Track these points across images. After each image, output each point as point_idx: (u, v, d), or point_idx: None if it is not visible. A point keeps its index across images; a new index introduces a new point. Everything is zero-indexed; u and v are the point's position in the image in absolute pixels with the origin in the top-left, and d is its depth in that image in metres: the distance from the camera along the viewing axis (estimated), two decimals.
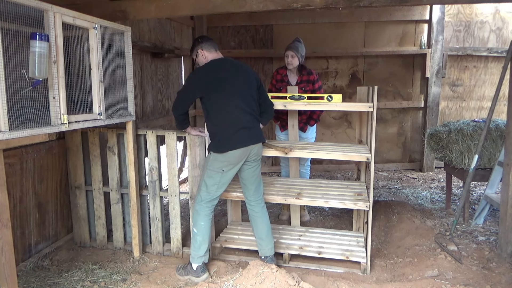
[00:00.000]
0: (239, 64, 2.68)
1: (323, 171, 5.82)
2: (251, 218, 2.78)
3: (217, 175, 2.59)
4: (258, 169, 2.72)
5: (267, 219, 2.78)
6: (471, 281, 2.53)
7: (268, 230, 2.76)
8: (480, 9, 5.48)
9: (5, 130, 1.73)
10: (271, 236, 2.77)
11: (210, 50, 2.66)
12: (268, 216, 2.80)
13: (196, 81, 2.59)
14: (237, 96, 2.55)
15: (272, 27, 5.66)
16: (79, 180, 3.12)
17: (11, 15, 1.76)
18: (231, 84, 2.55)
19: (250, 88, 2.63)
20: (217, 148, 2.55)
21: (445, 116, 5.76)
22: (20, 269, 2.64)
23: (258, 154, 2.68)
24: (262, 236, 2.74)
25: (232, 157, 2.53)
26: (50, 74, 1.99)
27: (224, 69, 2.60)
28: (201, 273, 2.64)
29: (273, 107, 2.82)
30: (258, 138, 2.66)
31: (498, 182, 3.31)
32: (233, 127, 2.53)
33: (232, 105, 2.54)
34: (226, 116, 2.54)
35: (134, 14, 2.96)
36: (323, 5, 2.68)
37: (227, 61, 2.66)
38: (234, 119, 2.54)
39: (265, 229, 2.74)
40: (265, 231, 2.74)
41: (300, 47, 3.51)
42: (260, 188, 2.79)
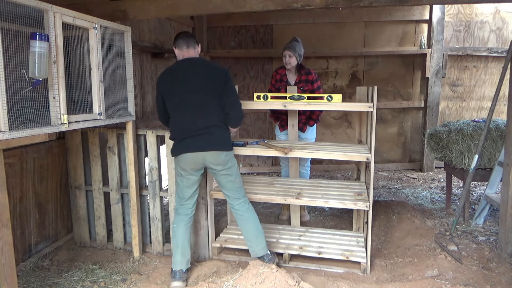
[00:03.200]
0: (197, 66, 2.55)
1: (323, 171, 5.82)
2: (237, 221, 2.74)
3: (178, 177, 2.64)
4: (231, 177, 2.62)
5: (254, 220, 2.71)
6: (471, 281, 2.53)
7: (256, 231, 2.69)
8: (480, 9, 5.48)
9: (5, 130, 1.73)
10: (261, 236, 2.70)
11: (181, 48, 2.59)
12: (255, 217, 2.72)
13: (158, 85, 2.62)
14: (185, 103, 2.49)
15: (272, 27, 5.66)
16: (79, 180, 3.12)
17: (11, 15, 1.76)
18: (179, 92, 2.50)
19: (205, 92, 2.49)
20: (172, 151, 2.60)
21: (445, 116, 5.76)
22: (20, 269, 2.64)
23: (219, 163, 2.53)
24: (250, 237, 2.70)
25: (182, 162, 2.53)
26: (50, 74, 1.99)
27: (176, 74, 2.55)
28: (173, 279, 2.55)
29: (237, 110, 2.58)
30: (212, 145, 2.50)
31: (498, 182, 3.31)
32: (182, 134, 2.52)
33: (180, 112, 2.52)
34: (177, 122, 2.55)
35: (134, 14, 2.96)
36: (323, 5, 2.68)
37: (184, 64, 2.57)
38: (182, 126, 2.52)
39: (252, 230, 2.69)
40: (253, 232, 2.69)
41: (298, 47, 3.51)
42: (239, 193, 2.69)
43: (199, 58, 2.62)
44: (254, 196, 2.93)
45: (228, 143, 2.61)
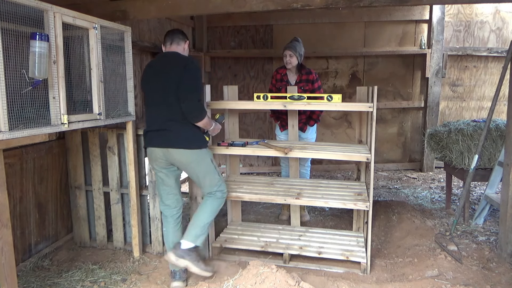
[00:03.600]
0: (166, 59, 2.49)
1: (323, 171, 5.82)
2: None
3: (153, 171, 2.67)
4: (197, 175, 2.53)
5: (205, 212, 2.53)
6: (471, 281, 2.53)
7: (195, 220, 2.51)
8: (480, 9, 5.48)
9: (5, 130, 1.73)
10: (198, 226, 2.49)
11: (165, 44, 2.56)
12: (209, 210, 2.54)
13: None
14: (151, 97, 2.50)
15: (272, 27, 5.67)
16: (79, 180, 3.12)
17: (11, 15, 1.76)
18: (148, 85, 2.51)
19: (168, 85, 2.40)
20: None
21: (445, 116, 5.76)
22: (20, 269, 2.64)
23: (184, 159, 2.46)
24: (191, 220, 2.56)
25: (148, 156, 2.59)
26: (50, 74, 1.99)
27: (148, 69, 2.55)
28: (173, 279, 2.55)
29: (190, 103, 2.35)
30: (169, 142, 2.42)
31: (498, 182, 3.31)
32: (148, 127, 2.54)
33: (149, 106, 2.54)
34: (147, 116, 2.57)
35: (134, 14, 2.96)
36: (323, 5, 2.68)
37: (158, 59, 2.56)
38: (149, 120, 2.54)
39: (196, 215, 2.54)
40: (195, 217, 2.53)
41: (298, 46, 3.51)
42: (204, 183, 2.55)
43: (174, 52, 2.51)
44: (254, 196, 2.93)
45: (191, 141, 2.44)
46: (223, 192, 2.62)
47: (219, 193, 2.59)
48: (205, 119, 2.44)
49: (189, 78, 2.37)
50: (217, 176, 2.58)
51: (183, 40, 2.57)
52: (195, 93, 2.38)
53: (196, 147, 2.46)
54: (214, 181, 2.56)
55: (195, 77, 2.40)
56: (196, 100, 2.37)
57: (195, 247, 2.47)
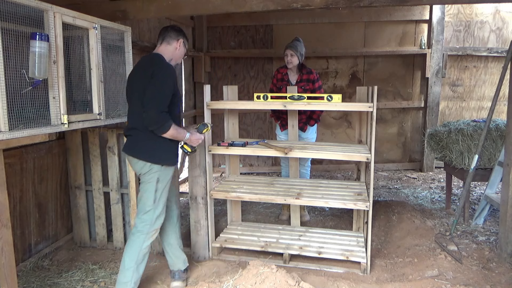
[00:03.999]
0: (140, 67, 2.33)
1: (323, 171, 5.82)
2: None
3: None
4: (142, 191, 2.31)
5: (125, 252, 2.28)
6: (471, 281, 2.53)
7: (124, 262, 2.27)
8: (480, 9, 5.48)
9: (5, 130, 1.74)
10: (120, 272, 2.28)
11: (157, 42, 2.44)
12: (129, 251, 2.28)
13: None
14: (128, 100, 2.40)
15: (272, 27, 5.67)
16: (79, 180, 3.12)
17: (11, 15, 1.76)
18: (127, 88, 2.40)
19: (134, 96, 2.28)
20: None
21: (445, 116, 5.76)
22: (20, 269, 2.64)
23: (137, 170, 2.31)
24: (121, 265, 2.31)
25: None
26: (50, 74, 1.99)
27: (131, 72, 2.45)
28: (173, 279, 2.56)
29: (149, 111, 2.14)
30: (128, 149, 2.33)
31: (498, 182, 3.31)
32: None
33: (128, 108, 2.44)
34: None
35: (134, 14, 2.96)
36: (323, 5, 2.68)
37: (138, 63, 2.40)
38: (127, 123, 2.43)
39: (123, 259, 2.29)
40: (122, 261, 2.29)
41: (299, 46, 3.53)
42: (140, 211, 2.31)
43: (154, 55, 2.36)
44: (254, 196, 2.93)
45: (145, 151, 2.26)
46: (144, 227, 2.28)
47: (140, 226, 2.29)
48: (170, 131, 2.19)
49: (152, 87, 2.17)
50: (150, 203, 2.28)
51: (175, 39, 2.39)
52: (155, 104, 2.15)
53: (152, 161, 2.26)
54: (144, 207, 2.29)
55: (159, 86, 2.18)
56: (156, 112, 2.14)
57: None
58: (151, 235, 2.32)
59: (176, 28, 2.43)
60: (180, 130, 2.30)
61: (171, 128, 2.20)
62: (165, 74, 2.22)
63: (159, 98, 2.17)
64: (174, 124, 2.22)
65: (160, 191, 2.31)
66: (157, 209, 2.31)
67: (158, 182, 2.29)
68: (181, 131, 2.31)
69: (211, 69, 5.77)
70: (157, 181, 2.29)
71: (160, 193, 2.31)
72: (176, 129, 2.25)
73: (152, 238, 2.33)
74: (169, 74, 2.25)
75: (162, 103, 2.18)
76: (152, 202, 2.29)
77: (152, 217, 2.30)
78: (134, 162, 2.33)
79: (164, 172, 2.31)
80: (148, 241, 2.31)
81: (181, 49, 2.44)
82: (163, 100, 2.19)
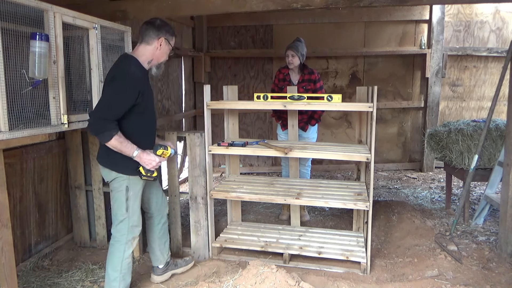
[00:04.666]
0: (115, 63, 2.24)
1: (323, 171, 5.82)
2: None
3: None
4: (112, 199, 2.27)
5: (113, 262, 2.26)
6: (471, 281, 2.53)
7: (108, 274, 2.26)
8: (480, 9, 5.48)
9: (5, 130, 1.74)
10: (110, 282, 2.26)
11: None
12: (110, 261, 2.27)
13: None
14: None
15: (272, 27, 5.66)
16: (79, 180, 3.12)
17: (11, 15, 1.76)
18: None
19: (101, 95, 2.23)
20: None
21: (445, 116, 5.76)
22: (20, 269, 2.64)
23: (105, 177, 2.28)
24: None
25: None
26: (50, 74, 1.99)
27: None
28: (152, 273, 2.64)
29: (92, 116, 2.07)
30: (99, 157, 2.28)
31: (498, 182, 3.31)
32: None
33: None
34: None
35: (134, 14, 2.96)
36: (323, 5, 2.68)
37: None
38: None
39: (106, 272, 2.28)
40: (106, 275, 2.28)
41: (300, 47, 3.53)
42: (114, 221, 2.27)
43: (126, 55, 2.26)
44: (254, 196, 2.93)
45: (111, 160, 2.17)
46: (122, 236, 2.24)
47: (117, 236, 2.24)
48: (112, 141, 2.04)
49: (105, 92, 2.11)
50: (123, 212, 2.21)
51: (155, 38, 2.18)
52: (100, 109, 2.07)
53: (110, 167, 2.20)
54: (116, 216, 2.24)
55: (112, 93, 2.07)
56: (97, 118, 2.04)
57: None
58: (130, 244, 2.27)
59: (156, 24, 2.19)
60: (126, 144, 2.10)
61: (114, 139, 2.04)
62: (123, 82, 2.07)
63: (107, 105, 2.06)
64: (119, 135, 2.06)
65: (132, 199, 2.22)
66: (131, 218, 2.24)
67: (128, 191, 2.21)
68: (128, 145, 2.10)
69: (211, 69, 5.77)
70: (127, 190, 2.21)
71: (132, 201, 2.23)
72: (121, 142, 2.07)
73: (132, 246, 2.29)
74: (129, 82, 2.08)
75: (108, 110, 2.05)
76: (124, 211, 2.22)
77: (127, 225, 2.24)
78: (101, 170, 2.28)
79: (133, 181, 2.22)
80: (129, 250, 2.27)
81: (163, 48, 2.23)
82: (110, 108, 2.05)
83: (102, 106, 2.07)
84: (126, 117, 2.13)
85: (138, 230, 2.32)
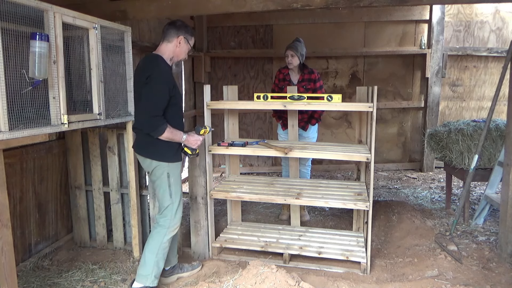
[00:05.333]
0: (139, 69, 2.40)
1: (323, 171, 5.82)
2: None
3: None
4: (156, 190, 2.44)
5: (152, 243, 2.37)
6: (471, 281, 2.53)
7: (146, 255, 2.36)
8: (480, 9, 5.48)
9: (5, 130, 1.73)
10: (148, 264, 2.35)
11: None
12: (151, 245, 2.37)
13: None
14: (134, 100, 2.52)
15: (272, 27, 5.67)
16: (79, 180, 3.12)
17: (11, 15, 1.76)
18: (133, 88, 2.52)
19: (135, 98, 2.44)
20: None
21: (445, 116, 5.76)
22: (20, 269, 2.64)
23: (145, 167, 2.44)
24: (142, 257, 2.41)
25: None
26: (50, 74, 1.99)
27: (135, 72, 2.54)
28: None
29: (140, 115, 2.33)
30: (136, 147, 2.46)
31: (498, 182, 3.31)
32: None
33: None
34: None
35: (134, 14, 2.96)
36: (323, 5, 2.68)
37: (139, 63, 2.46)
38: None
39: (145, 251, 2.38)
40: (144, 253, 2.38)
41: (300, 47, 3.54)
42: (160, 209, 2.43)
43: (152, 56, 2.40)
44: (254, 196, 2.93)
45: (151, 150, 2.35)
46: (165, 221, 2.38)
47: (161, 221, 2.40)
48: (165, 134, 2.27)
49: (146, 93, 2.27)
50: (167, 198, 2.39)
51: (174, 36, 2.36)
52: (149, 109, 2.25)
53: (158, 158, 2.35)
54: (162, 203, 2.41)
55: (153, 92, 2.25)
56: (148, 116, 2.24)
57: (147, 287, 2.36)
58: (172, 229, 2.42)
59: (176, 24, 2.39)
60: (176, 132, 2.34)
61: (166, 131, 2.27)
62: (159, 80, 2.27)
63: (153, 103, 2.25)
64: (169, 127, 2.29)
65: (174, 185, 2.40)
66: (175, 203, 2.41)
67: (169, 177, 2.38)
68: (177, 133, 2.34)
69: (211, 69, 5.77)
70: (168, 176, 2.38)
71: (174, 187, 2.40)
72: (172, 132, 2.30)
73: (173, 232, 2.43)
74: (164, 78, 2.29)
75: (155, 108, 2.25)
76: (169, 197, 2.39)
77: (172, 211, 2.40)
78: (142, 160, 2.44)
79: (172, 167, 2.40)
80: (170, 235, 2.40)
81: (182, 46, 2.41)
82: (156, 105, 2.25)
83: (150, 105, 2.25)
84: (166, 109, 2.31)
85: (181, 216, 2.47)
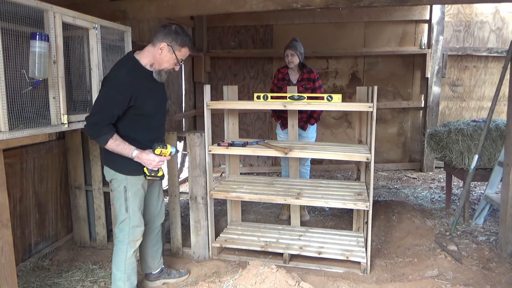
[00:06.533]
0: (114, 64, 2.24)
1: (323, 171, 5.82)
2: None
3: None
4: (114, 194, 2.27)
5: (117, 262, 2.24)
6: (471, 281, 2.53)
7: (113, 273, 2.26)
8: (480, 9, 5.48)
9: (5, 130, 1.74)
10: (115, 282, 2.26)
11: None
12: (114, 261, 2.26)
13: None
14: None
15: (272, 27, 5.66)
16: (79, 180, 3.12)
17: (11, 15, 1.76)
18: None
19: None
20: None
21: (445, 116, 5.76)
22: (20, 269, 2.64)
23: (105, 175, 2.29)
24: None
25: None
26: (50, 74, 1.99)
27: None
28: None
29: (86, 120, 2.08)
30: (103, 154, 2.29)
31: (498, 182, 3.31)
32: None
33: None
34: None
35: (134, 14, 2.96)
36: (323, 5, 2.68)
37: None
38: None
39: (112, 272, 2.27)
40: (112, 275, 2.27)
41: (298, 46, 3.56)
42: (117, 217, 2.26)
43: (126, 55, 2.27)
44: (254, 196, 2.93)
45: (111, 159, 2.17)
46: (124, 236, 2.22)
47: (120, 236, 2.23)
48: (109, 144, 2.06)
49: (100, 93, 2.13)
50: (123, 212, 2.20)
51: (158, 41, 2.11)
52: (92, 114, 2.07)
53: (109, 165, 2.21)
54: (119, 216, 2.24)
55: (101, 96, 2.10)
56: (89, 122, 2.06)
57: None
58: (132, 244, 2.24)
59: (166, 29, 2.12)
60: (124, 146, 2.08)
61: (110, 142, 2.05)
62: (113, 85, 2.06)
63: (98, 110, 2.06)
64: (115, 138, 2.06)
65: (131, 199, 2.20)
66: (132, 218, 2.21)
67: (126, 191, 2.19)
68: (125, 147, 2.09)
69: (211, 69, 5.77)
70: (125, 190, 2.19)
71: (132, 201, 2.20)
72: (118, 144, 2.07)
73: (134, 247, 2.26)
74: (117, 88, 2.05)
75: (100, 116, 2.04)
76: (124, 211, 2.20)
77: (128, 226, 2.21)
78: (104, 168, 2.29)
79: (131, 181, 2.19)
80: (132, 249, 2.24)
81: (164, 55, 2.12)
82: (101, 113, 2.05)
83: (94, 111, 2.07)
84: (124, 119, 2.12)
85: (140, 231, 2.27)
